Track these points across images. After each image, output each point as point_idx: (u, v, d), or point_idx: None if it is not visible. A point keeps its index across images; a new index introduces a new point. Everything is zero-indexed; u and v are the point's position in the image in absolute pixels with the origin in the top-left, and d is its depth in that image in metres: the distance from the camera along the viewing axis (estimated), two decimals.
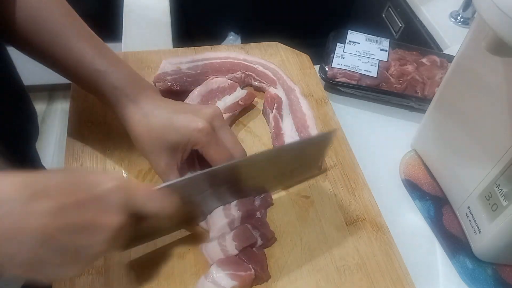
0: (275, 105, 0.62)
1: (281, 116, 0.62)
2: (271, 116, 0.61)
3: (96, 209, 0.34)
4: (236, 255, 0.46)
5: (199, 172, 0.46)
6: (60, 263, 0.33)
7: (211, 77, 0.64)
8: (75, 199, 0.33)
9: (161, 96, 0.51)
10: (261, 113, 0.66)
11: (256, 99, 0.67)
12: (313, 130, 0.60)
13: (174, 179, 0.47)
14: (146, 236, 0.47)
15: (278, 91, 0.64)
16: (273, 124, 0.61)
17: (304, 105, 0.63)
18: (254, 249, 0.48)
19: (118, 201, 0.35)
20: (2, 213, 0.30)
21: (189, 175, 0.47)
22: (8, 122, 0.52)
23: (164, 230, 0.49)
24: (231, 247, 0.46)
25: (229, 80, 0.64)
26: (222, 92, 0.62)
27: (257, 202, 0.51)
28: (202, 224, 0.50)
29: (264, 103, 0.65)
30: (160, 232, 0.48)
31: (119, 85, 0.48)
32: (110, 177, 0.36)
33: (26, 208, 0.31)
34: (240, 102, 0.62)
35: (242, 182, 0.50)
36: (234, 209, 0.49)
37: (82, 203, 0.33)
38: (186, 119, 0.47)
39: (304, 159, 0.54)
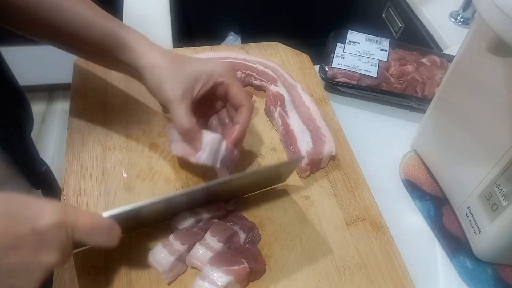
0: (278, 102, 0.62)
1: (286, 112, 0.61)
2: (276, 114, 0.61)
3: (34, 247, 0.32)
4: (227, 253, 0.47)
5: (149, 200, 0.44)
6: None
7: None
8: (13, 236, 0.31)
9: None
10: (261, 112, 0.66)
11: (254, 97, 0.67)
12: (321, 122, 0.61)
13: (186, 114, 0.46)
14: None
15: (279, 89, 0.64)
16: (280, 121, 0.61)
17: (307, 100, 0.63)
18: (246, 245, 0.49)
19: (56, 239, 0.34)
20: None
21: (136, 204, 0.44)
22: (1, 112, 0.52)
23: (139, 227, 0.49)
24: (214, 242, 0.46)
25: None
26: None
27: (242, 236, 0.50)
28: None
29: (266, 101, 0.65)
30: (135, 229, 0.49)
31: (135, 31, 0.49)
32: (51, 209, 0.34)
33: None
34: None
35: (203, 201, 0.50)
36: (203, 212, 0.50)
37: (20, 240, 0.32)
38: (204, 61, 0.49)
39: (270, 178, 0.55)
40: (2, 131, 0.49)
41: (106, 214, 0.40)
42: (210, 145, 0.48)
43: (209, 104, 0.54)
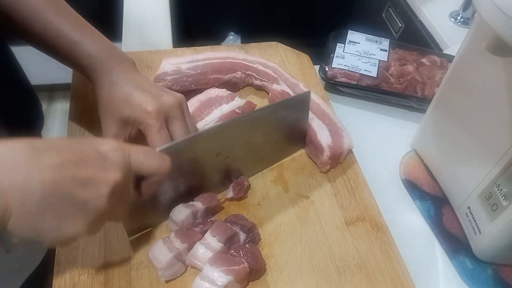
0: None
1: None
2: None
3: (96, 165, 0.36)
4: (227, 253, 0.47)
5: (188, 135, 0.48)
6: (63, 217, 0.34)
7: (212, 87, 0.64)
8: (77, 155, 0.36)
9: (136, 69, 0.53)
10: None
11: (255, 98, 0.67)
12: (335, 117, 0.61)
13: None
14: (151, 222, 0.50)
15: (282, 87, 0.64)
16: None
17: (314, 96, 0.64)
18: (246, 245, 0.49)
19: (117, 159, 0.38)
20: (9, 167, 0.32)
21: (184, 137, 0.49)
22: (14, 111, 0.52)
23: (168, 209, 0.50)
24: (214, 242, 0.46)
25: (229, 91, 0.64)
26: (219, 101, 0.62)
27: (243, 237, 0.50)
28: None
29: (271, 101, 0.64)
30: (164, 212, 0.50)
31: (96, 54, 0.50)
32: (110, 140, 0.40)
33: (31, 161, 0.33)
34: (237, 110, 0.61)
35: (228, 150, 0.52)
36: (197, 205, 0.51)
37: (84, 159, 0.36)
38: (142, 98, 0.48)
39: (285, 127, 0.54)
40: (13, 129, 0.49)
41: (158, 149, 0.45)
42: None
43: None
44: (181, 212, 0.49)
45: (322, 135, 0.58)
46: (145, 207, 0.48)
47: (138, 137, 0.52)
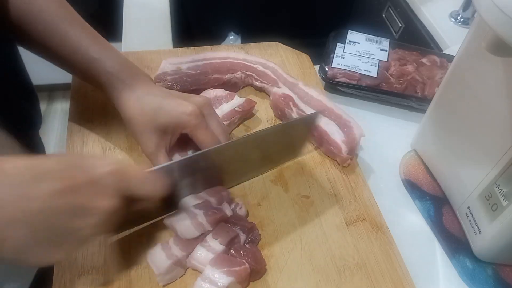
0: (290, 103, 0.62)
1: (302, 110, 0.62)
2: (294, 115, 0.62)
3: (91, 192, 0.35)
4: (228, 254, 0.47)
5: (186, 156, 0.48)
6: (51, 246, 0.34)
7: (210, 88, 0.64)
8: (73, 182, 0.34)
9: (153, 83, 0.53)
10: (261, 113, 0.66)
11: (255, 98, 0.67)
12: (339, 110, 0.61)
13: (163, 163, 0.49)
14: (134, 222, 0.49)
15: (283, 90, 0.64)
16: None
17: (314, 93, 0.64)
18: (247, 245, 0.49)
19: (112, 185, 0.37)
20: (5, 196, 0.31)
21: (177, 158, 0.49)
22: (15, 110, 0.53)
23: (150, 215, 0.50)
24: (216, 245, 0.46)
25: (227, 91, 0.64)
26: (219, 101, 0.62)
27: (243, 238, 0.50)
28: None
29: (275, 105, 0.64)
30: (148, 217, 0.50)
31: (114, 70, 0.51)
32: (107, 161, 0.38)
33: (28, 191, 0.32)
34: (237, 108, 0.61)
35: (227, 165, 0.52)
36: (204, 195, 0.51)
37: (79, 186, 0.35)
38: (176, 103, 0.49)
39: (288, 142, 0.54)
40: (13, 127, 0.50)
41: (149, 170, 0.44)
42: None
43: None
44: (191, 202, 0.49)
45: (334, 132, 0.59)
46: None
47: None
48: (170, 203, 0.49)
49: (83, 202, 0.35)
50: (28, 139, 0.55)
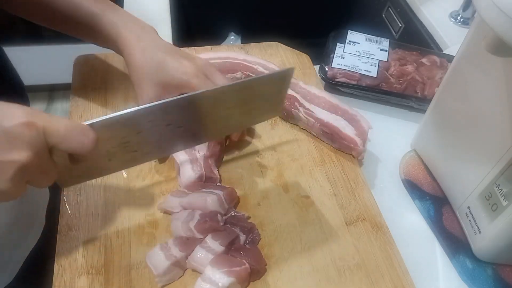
0: (296, 103, 0.62)
1: (308, 109, 0.62)
2: (302, 114, 0.62)
3: (2, 146, 0.33)
4: (228, 254, 0.47)
5: (133, 109, 0.41)
6: None
7: None
8: None
9: (158, 35, 0.54)
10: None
11: None
12: (343, 105, 0.62)
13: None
14: (89, 174, 0.45)
15: None
16: (312, 120, 0.61)
17: (316, 91, 0.64)
18: (247, 245, 0.49)
19: (25, 137, 0.34)
20: None
21: (121, 111, 0.41)
22: None
23: (108, 168, 0.45)
24: (216, 246, 0.46)
25: None
26: None
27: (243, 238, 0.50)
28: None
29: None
30: (104, 170, 0.46)
31: (120, 21, 0.52)
32: (19, 111, 0.35)
33: None
34: None
35: (193, 123, 0.48)
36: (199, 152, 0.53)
37: None
38: (179, 62, 0.50)
39: (265, 96, 0.51)
40: None
41: (85, 122, 0.39)
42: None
43: None
44: (182, 154, 0.51)
45: (345, 127, 0.60)
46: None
47: None
48: (135, 157, 0.45)
49: None
50: None
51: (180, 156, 0.54)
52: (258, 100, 0.51)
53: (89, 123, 0.39)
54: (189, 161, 0.53)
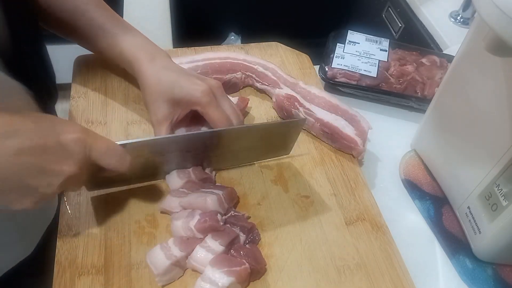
0: (296, 103, 0.63)
1: (308, 109, 0.62)
2: (301, 114, 0.62)
3: (56, 155, 0.38)
4: (228, 254, 0.47)
5: (161, 136, 0.52)
6: (19, 195, 0.38)
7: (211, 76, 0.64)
8: (41, 143, 0.38)
9: (171, 59, 0.58)
10: (260, 113, 0.66)
11: (256, 99, 0.67)
12: (343, 105, 0.62)
13: (165, 133, 0.53)
14: (112, 183, 0.52)
15: (285, 90, 0.64)
16: (312, 120, 0.61)
17: (316, 91, 0.64)
18: (247, 245, 0.48)
19: (75, 152, 0.40)
20: None
21: (150, 137, 0.53)
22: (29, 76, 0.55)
23: (130, 180, 0.52)
24: (216, 246, 0.46)
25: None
26: None
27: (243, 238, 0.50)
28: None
29: (278, 107, 0.64)
30: (126, 181, 0.52)
31: (137, 45, 0.56)
32: (76, 128, 0.41)
33: None
34: None
35: (209, 152, 0.54)
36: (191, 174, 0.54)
37: (46, 147, 0.38)
38: (191, 81, 0.53)
39: (272, 142, 0.57)
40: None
41: (119, 143, 0.45)
42: None
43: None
44: (176, 180, 0.52)
45: (345, 127, 0.60)
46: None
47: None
48: (154, 173, 0.53)
49: (46, 164, 0.38)
50: (44, 109, 0.57)
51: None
52: (270, 141, 0.56)
53: (122, 143, 0.46)
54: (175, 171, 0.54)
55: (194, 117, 0.56)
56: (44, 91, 0.59)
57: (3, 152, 0.36)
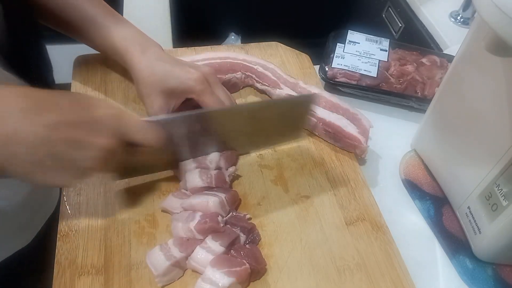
0: None
1: None
2: None
3: (89, 129, 0.39)
4: (228, 254, 0.47)
5: (188, 112, 0.51)
6: (55, 169, 0.38)
7: None
8: (75, 117, 0.39)
9: (163, 51, 0.57)
10: None
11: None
12: (344, 104, 0.63)
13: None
14: (137, 170, 0.53)
15: (285, 91, 0.64)
16: (314, 120, 0.61)
17: (316, 90, 0.64)
18: (247, 246, 0.48)
19: (110, 126, 0.41)
20: (4, 115, 0.35)
21: (178, 114, 0.52)
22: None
23: (153, 166, 0.54)
24: (217, 247, 0.46)
25: None
26: None
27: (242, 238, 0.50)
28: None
29: None
30: (150, 168, 0.54)
31: (129, 37, 0.56)
32: (110, 105, 0.42)
33: (27, 115, 0.36)
34: None
35: (226, 132, 0.55)
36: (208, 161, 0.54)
37: (80, 121, 0.39)
38: (184, 70, 0.53)
39: (286, 119, 0.57)
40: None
41: (150, 119, 0.47)
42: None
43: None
44: (190, 167, 0.52)
45: (347, 125, 0.60)
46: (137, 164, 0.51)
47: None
48: (170, 160, 0.53)
49: (82, 137, 0.38)
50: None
51: (187, 161, 0.54)
52: (275, 123, 0.56)
53: (153, 119, 0.47)
54: (197, 169, 0.53)
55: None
56: (43, 87, 0.59)
57: (40, 125, 0.36)
